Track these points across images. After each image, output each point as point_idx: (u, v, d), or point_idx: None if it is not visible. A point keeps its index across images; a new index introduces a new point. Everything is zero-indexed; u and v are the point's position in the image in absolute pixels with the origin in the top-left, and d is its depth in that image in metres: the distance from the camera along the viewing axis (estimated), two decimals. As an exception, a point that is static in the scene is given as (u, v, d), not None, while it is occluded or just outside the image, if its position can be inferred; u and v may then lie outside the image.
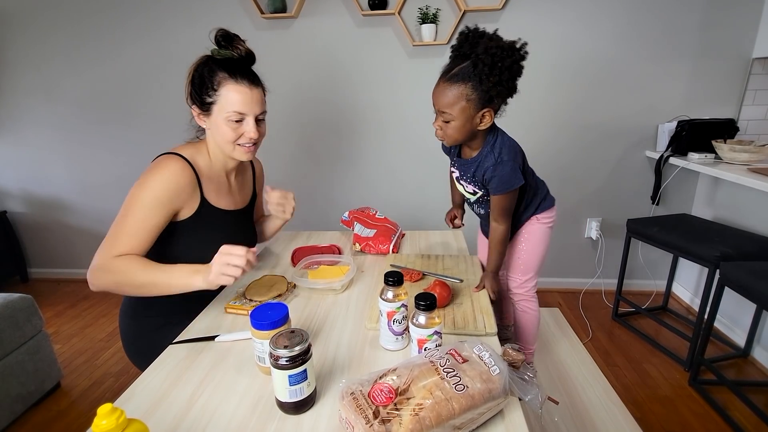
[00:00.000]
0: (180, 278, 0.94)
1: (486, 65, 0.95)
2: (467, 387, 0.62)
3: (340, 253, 1.36)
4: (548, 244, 1.38)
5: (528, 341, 1.48)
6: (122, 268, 0.94)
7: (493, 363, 0.66)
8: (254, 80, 1.04)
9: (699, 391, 1.71)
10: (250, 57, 1.05)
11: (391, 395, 0.60)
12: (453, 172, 1.30)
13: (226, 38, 1.03)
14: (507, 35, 0.95)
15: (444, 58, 2.26)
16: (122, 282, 0.94)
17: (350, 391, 0.62)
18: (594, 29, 2.17)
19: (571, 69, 2.23)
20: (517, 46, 0.98)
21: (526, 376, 0.78)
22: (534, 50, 2.18)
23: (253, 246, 1.20)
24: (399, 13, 2.19)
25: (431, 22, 2.16)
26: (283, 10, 2.24)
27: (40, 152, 2.68)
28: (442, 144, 1.20)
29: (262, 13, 2.24)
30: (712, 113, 2.21)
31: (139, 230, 0.98)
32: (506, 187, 1.11)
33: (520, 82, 1.03)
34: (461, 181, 1.25)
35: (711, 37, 2.13)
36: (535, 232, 1.34)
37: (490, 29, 1.02)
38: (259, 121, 1.07)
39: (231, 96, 1.00)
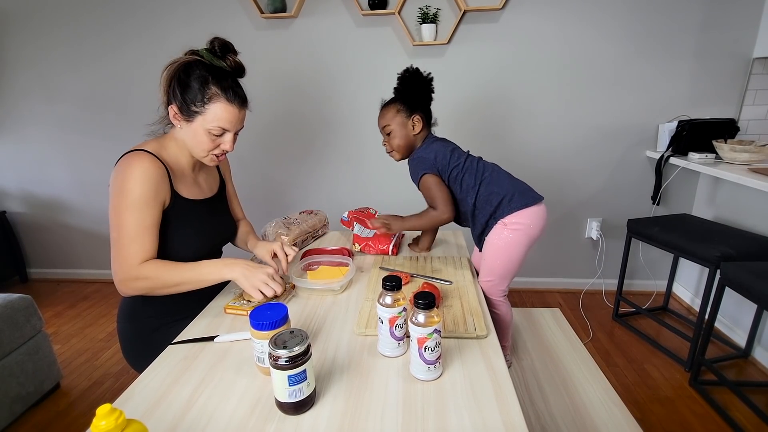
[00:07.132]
0: (210, 273, 1.00)
1: (399, 82, 1.32)
2: None
3: (351, 256, 1.31)
4: (520, 252, 1.28)
5: (499, 338, 1.49)
6: (151, 274, 0.97)
7: None
8: (244, 102, 1.05)
9: (699, 391, 1.71)
10: (240, 71, 1.05)
11: None
12: None
13: (223, 49, 1.03)
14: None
15: (444, 58, 2.30)
16: (156, 286, 0.99)
17: None
18: (594, 29, 2.17)
19: (571, 69, 2.23)
20: (424, 74, 1.32)
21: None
22: (534, 50, 2.26)
23: (231, 231, 1.26)
24: (399, 13, 2.19)
25: (431, 22, 2.16)
26: (283, 9, 2.24)
27: (40, 152, 2.68)
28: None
29: (262, 12, 2.24)
30: (713, 113, 2.21)
31: (141, 234, 0.98)
32: (413, 176, 1.32)
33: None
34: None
35: (711, 37, 2.13)
36: (501, 238, 1.27)
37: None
38: (235, 135, 1.08)
39: (220, 113, 1.00)
